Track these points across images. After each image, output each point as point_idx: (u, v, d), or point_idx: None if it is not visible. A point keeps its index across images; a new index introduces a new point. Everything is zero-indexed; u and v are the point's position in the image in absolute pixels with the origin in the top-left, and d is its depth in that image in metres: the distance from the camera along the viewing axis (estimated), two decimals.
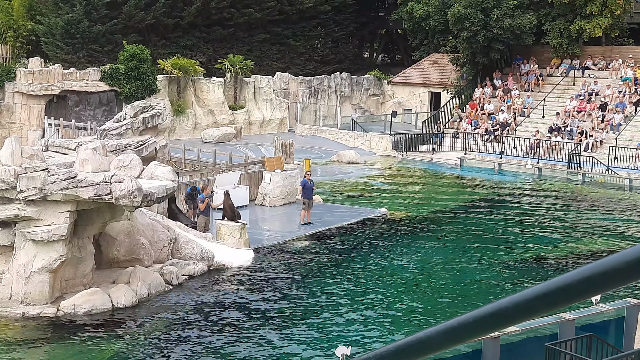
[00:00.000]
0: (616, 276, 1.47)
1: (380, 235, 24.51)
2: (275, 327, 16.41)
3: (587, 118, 40.39)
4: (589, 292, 1.52)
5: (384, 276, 20.16)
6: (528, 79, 45.44)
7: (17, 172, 16.48)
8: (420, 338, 1.78)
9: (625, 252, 1.47)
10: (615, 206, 30.09)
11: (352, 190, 32.28)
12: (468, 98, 46.40)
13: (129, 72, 40.62)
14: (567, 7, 42.90)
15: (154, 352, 15.13)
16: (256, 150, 38.92)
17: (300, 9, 52.16)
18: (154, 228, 20.03)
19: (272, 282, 19.52)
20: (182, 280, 19.26)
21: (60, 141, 27.79)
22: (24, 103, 38.88)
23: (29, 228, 16.63)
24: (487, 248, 23.11)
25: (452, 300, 18.45)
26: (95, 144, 18.55)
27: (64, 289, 17.42)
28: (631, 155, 35.73)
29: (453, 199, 31.08)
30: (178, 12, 47.70)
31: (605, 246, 23.53)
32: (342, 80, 51.03)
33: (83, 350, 15.13)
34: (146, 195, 16.77)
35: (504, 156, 39.11)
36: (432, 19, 46.54)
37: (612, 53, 44.71)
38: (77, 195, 16.31)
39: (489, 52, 44.45)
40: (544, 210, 29.01)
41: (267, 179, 27.77)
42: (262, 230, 24.46)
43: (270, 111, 46.62)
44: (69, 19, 44.46)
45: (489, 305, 1.66)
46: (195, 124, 43.31)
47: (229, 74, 45.75)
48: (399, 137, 42.41)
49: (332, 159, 39.33)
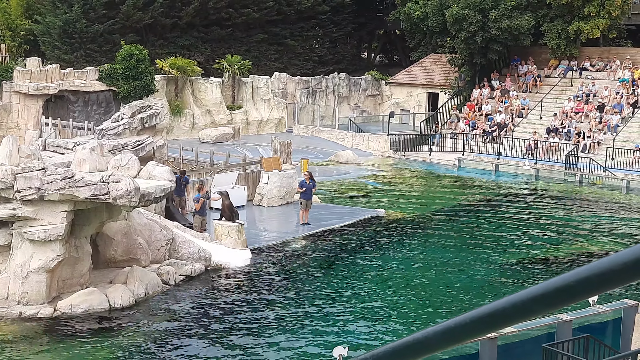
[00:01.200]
0: (613, 277, 1.47)
1: (377, 236, 24.51)
2: (273, 328, 16.40)
3: (585, 119, 40.44)
4: (586, 293, 1.52)
5: (381, 276, 20.16)
6: (526, 79, 45.49)
7: (14, 171, 16.46)
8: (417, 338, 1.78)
9: (622, 253, 1.47)
10: (613, 207, 30.13)
11: (349, 190, 32.29)
12: (466, 99, 46.45)
13: (127, 72, 40.61)
14: (565, 8, 42.96)
15: (151, 352, 15.12)
16: (254, 150, 38.92)
17: (298, 9, 52.19)
18: (152, 228, 20.02)
19: (270, 283, 19.51)
20: (180, 281, 19.24)
21: (57, 141, 27.77)
22: (22, 103, 38.85)
23: (26, 228, 16.61)
24: (484, 249, 23.12)
25: (449, 300, 18.45)
26: (92, 144, 18.53)
27: (61, 288, 17.41)
28: (628, 157, 35.77)
29: (450, 199, 31.09)
30: (176, 12, 47.70)
31: (602, 247, 23.55)
32: (340, 80, 51.05)
33: (80, 350, 15.11)
34: (143, 195, 16.75)
35: (501, 157, 39.14)
36: (430, 19, 46.59)
37: (609, 54, 44.78)
38: (75, 195, 16.30)
39: (487, 52, 44.50)
40: (541, 211, 29.03)
41: (264, 179, 27.76)
42: (260, 231, 24.46)
43: (268, 111, 46.63)
44: (66, 19, 44.44)
45: (486, 306, 1.66)
46: (193, 124, 43.30)
47: (226, 74, 45.74)
48: (397, 138, 42.43)
49: (329, 160, 39.33)
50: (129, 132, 30.24)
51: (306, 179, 25.30)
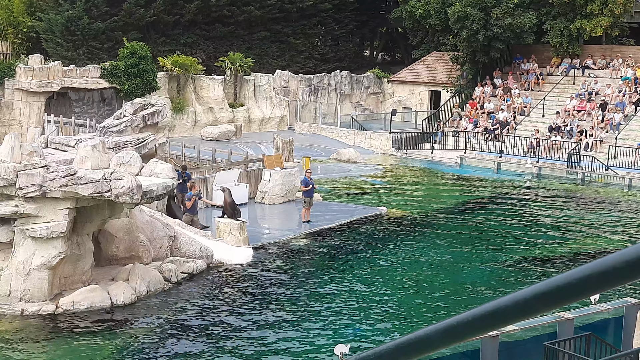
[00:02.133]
0: (615, 275, 1.47)
1: (379, 234, 24.51)
2: (274, 325, 16.41)
3: (587, 117, 40.40)
4: (587, 291, 1.53)
5: (383, 274, 20.17)
6: (528, 78, 45.44)
7: (16, 168, 16.48)
8: (419, 336, 1.78)
9: (624, 252, 1.47)
10: (615, 205, 30.11)
11: (351, 188, 32.28)
12: (468, 97, 46.41)
13: (129, 69, 40.61)
14: (567, 6, 42.89)
15: (152, 349, 15.14)
16: (256, 148, 38.92)
17: (300, 7, 52.15)
18: (153, 225, 20.04)
19: (271, 280, 19.52)
20: (181, 278, 19.26)
21: (59, 138, 27.78)
22: (24, 100, 38.87)
23: (28, 225, 16.63)
24: (486, 247, 23.12)
25: (451, 298, 18.45)
26: (94, 141, 18.55)
27: (63, 286, 17.43)
28: (631, 155, 35.74)
29: (452, 197, 31.09)
30: (178, 10, 47.69)
31: (604, 245, 23.54)
32: (342, 78, 51.01)
33: (82, 347, 15.14)
34: (145, 193, 16.77)
35: (503, 155, 39.11)
36: (433, 17, 46.52)
37: (612, 52, 44.71)
38: (77, 192, 16.32)
39: (489, 50, 44.46)
40: (543, 209, 29.02)
41: (266, 176, 27.78)
42: (262, 228, 24.47)
43: (270, 109, 46.62)
44: (69, 16, 44.45)
45: (488, 304, 1.66)
46: (195, 122, 43.30)
47: (229, 71, 45.73)
48: (399, 136, 42.41)
49: (331, 157, 39.33)
50: (131, 129, 30.23)
51: (308, 177, 25.30)
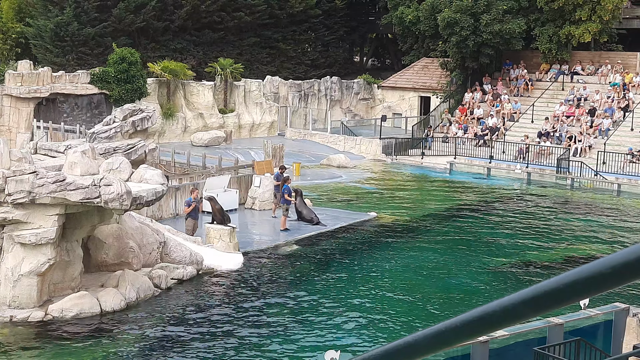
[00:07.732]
0: (603, 280, 1.48)
1: (369, 239, 24.52)
2: (264, 332, 16.38)
3: (576, 123, 40.58)
4: (576, 296, 1.53)
5: (373, 280, 20.17)
6: (517, 83, 45.62)
7: (5, 175, 16.40)
8: (408, 342, 1.78)
9: (612, 257, 1.47)
10: (603, 211, 30.23)
11: (341, 194, 32.29)
12: (458, 102, 46.55)
13: (119, 75, 40.53)
14: (556, 12, 43.12)
15: (142, 356, 15.08)
16: (246, 153, 38.88)
17: (290, 13, 52.20)
18: (143, 231, 19.98)
19: (261, 286, 19.49)
20: (171, 284, 19.20)
21: (49, 144, 27.70)
22: (13, 106, 38.72)
23: (17, 231, 16.55)
24: (475, 252, 23.16)
25: (440, 304, 18.47)
26: (84, 147, 18.49)
27: (52, 292, 17.34)
28: (619, 160, 35.90)
29: (442, 203, 31.14)
30: (168, 15, 47.65)
31: (593, 251, 23.63)
32: (332, 84, 51.06)
33: (71, 354, 15.06)
34: (135, 199, 16.73)
35: (493, 161, 39.23)
36: (422, 23, 46.66)
37: (600, 58, 44.96)
38: (66, 198, 16.25)
39: (479, 56, 44.63)
40: (533, 214, 29.11)
41: (256, 182, 27.75)
42: (252, 234, 24.43)
43: (260, 115, 46.61)
44: (58, 22, 44.34)
45: (477, 309, 1.66)
46: (185, 128, 43.24)
47: (219, 77, 45.71)
48: (389, 142, 42.47)
49: (321, 163, 39.35)
50: (120, 135, 30.18)
51: (288, 184, 25.07)
